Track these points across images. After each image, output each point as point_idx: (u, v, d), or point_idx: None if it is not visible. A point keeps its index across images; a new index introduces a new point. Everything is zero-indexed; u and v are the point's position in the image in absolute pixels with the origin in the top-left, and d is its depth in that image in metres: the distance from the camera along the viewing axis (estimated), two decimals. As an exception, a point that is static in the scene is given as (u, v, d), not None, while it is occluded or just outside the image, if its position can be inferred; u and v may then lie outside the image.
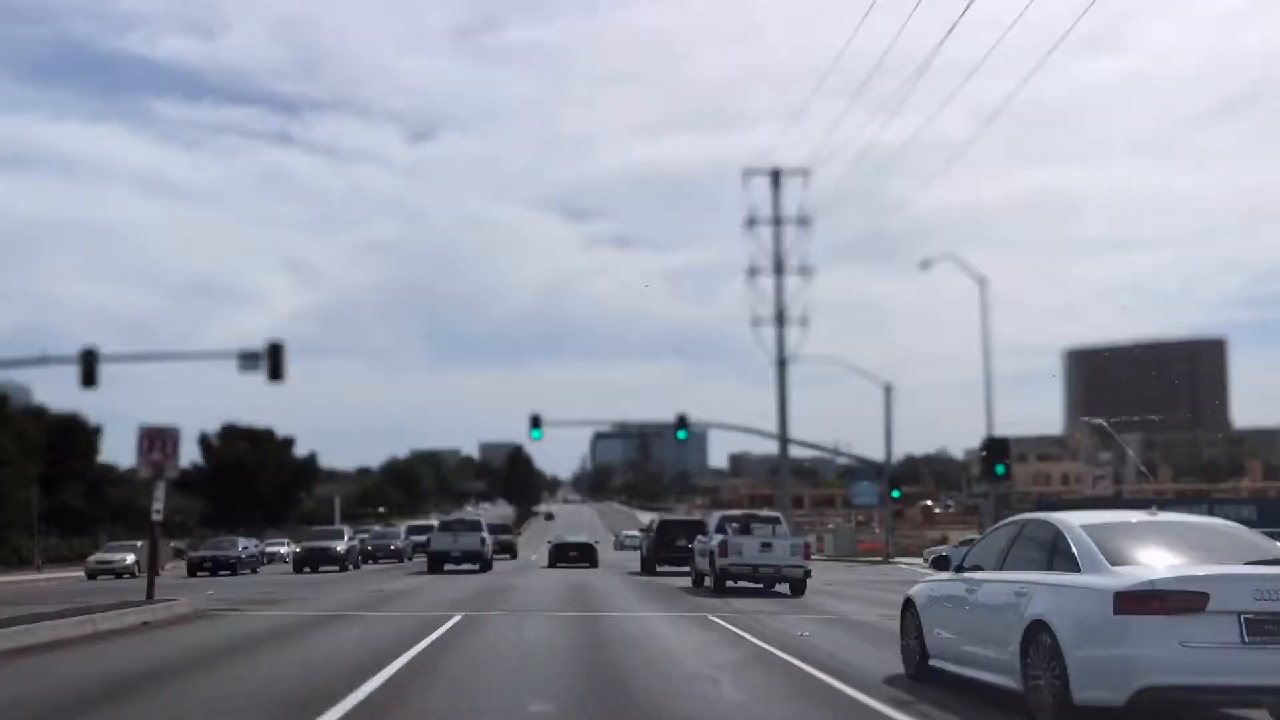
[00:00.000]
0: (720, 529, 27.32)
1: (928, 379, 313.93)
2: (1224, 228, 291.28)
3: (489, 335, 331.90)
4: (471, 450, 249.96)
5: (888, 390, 55.55)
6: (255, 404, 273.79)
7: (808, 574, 25.49)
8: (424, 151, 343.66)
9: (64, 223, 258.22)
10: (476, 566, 38.45)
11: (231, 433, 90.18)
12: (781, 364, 59.47)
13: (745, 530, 26.47)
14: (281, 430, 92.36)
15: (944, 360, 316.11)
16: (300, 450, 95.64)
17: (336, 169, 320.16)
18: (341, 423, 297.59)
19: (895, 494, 58.61)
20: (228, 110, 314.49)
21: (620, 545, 77.33)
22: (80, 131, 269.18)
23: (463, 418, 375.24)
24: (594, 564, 45.35)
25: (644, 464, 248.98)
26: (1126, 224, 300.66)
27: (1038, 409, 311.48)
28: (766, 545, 25.48)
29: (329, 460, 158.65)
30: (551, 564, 45.75)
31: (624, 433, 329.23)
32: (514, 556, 56.64)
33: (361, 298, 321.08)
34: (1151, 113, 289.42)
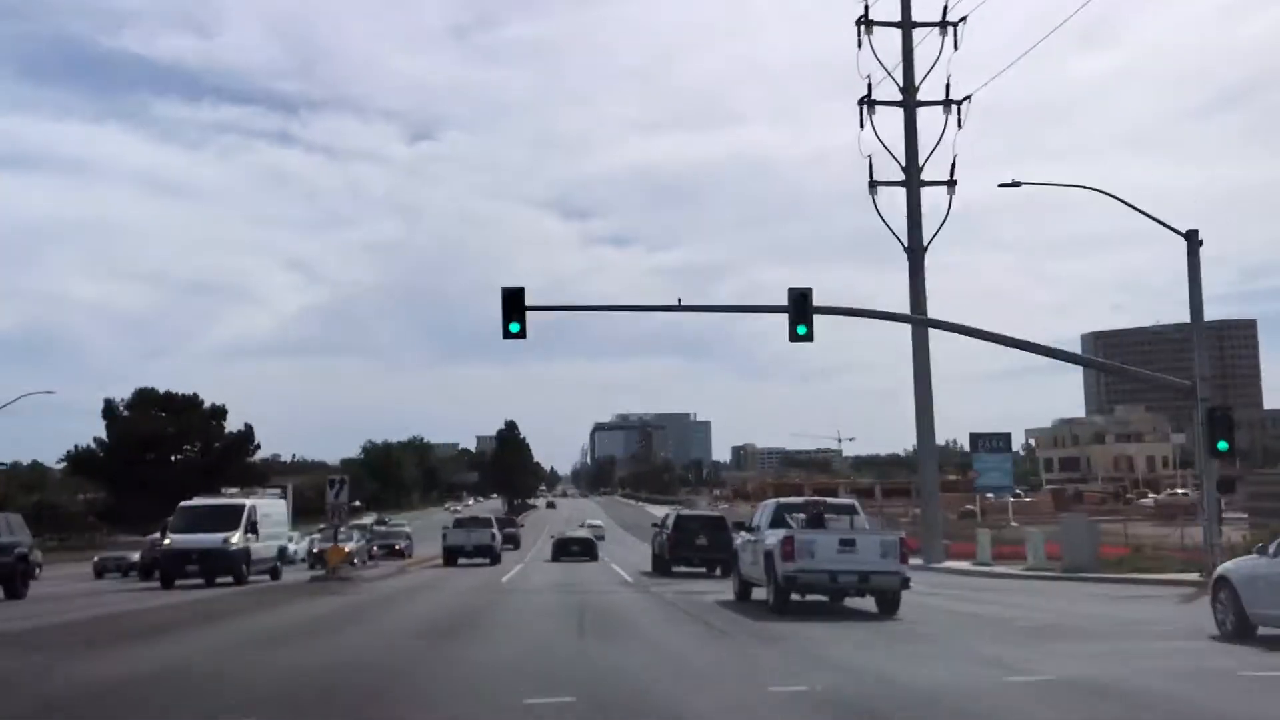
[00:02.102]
0: (778, 521, 20.47)
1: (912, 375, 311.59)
2: (1213, 224, 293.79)
3: (488, 333, 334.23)
4: (470, 446, 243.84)
5: (1192, 241, 28.29)
6: (246, 395, 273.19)
7: (906, 583, 18.80)
8: (423, 150, 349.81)
9: (66, 222, 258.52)
10: (487, 560, 43.06)
11: (146, 400, 72.21)
12: (915, 244, 39.42)
13: (816, 523, 19.64)
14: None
15: (932, 357, 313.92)
16: (234, 423, 76.27)
17: (336, 168, 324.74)
18: (341, 420, 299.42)
19: (1223, 446, 27.86)
20: (226, 109, 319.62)
21: None
22: (81, 131, 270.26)
23: (463, 415, 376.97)
24: (594, 557, 47.33)
25: (648, 455, 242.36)
26: (1117, 221, 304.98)
27: (1050, 399, 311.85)
28: (847, 544, 18.67)
29: (321, 455, 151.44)
30: (555, 558, 47.04)
31: (624, 424, 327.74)
32: (517, 547, 61.53)
33: (362, 296, 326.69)
34: (1142, 109, 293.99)
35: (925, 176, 39.69)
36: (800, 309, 27.12)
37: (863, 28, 39.76)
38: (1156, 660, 12.12)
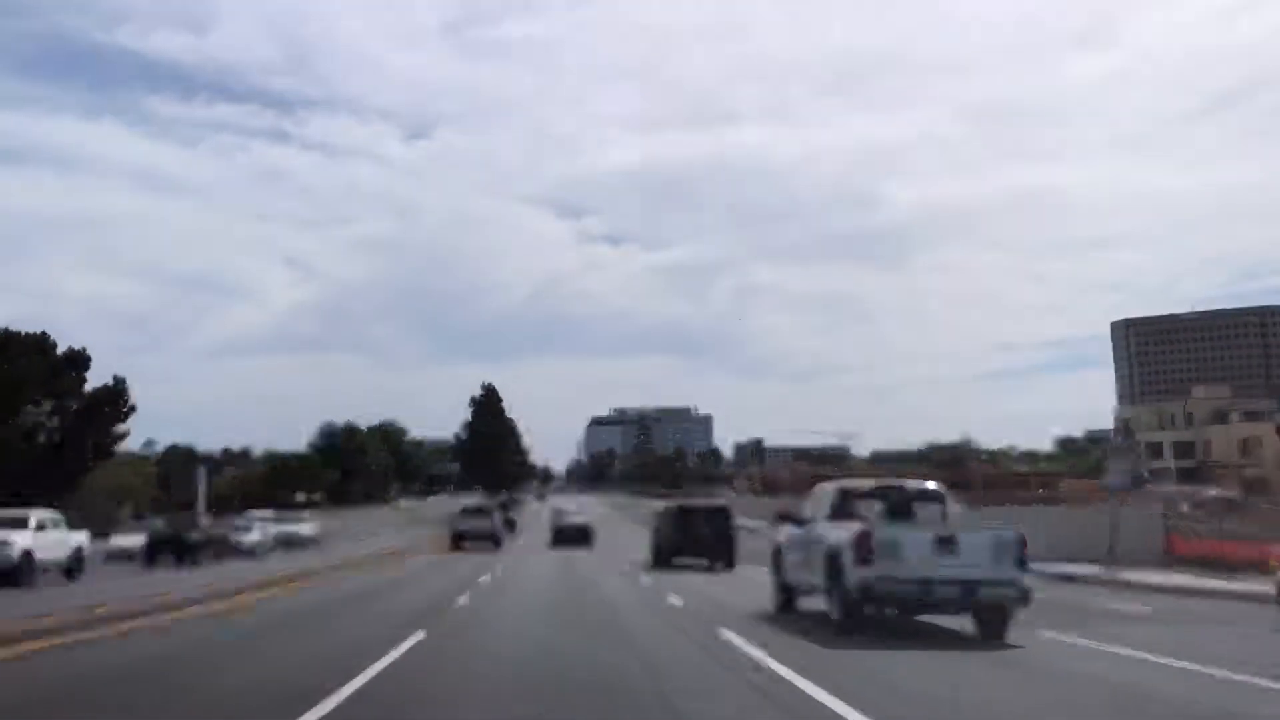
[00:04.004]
0: (841, 511, 15.91)
1: (911, 375, 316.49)
2: (1206, 225, 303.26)
3: (484, 331, 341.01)
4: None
5: None
6: (239, 390, 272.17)
7: (1026, 597, 14.23)
8: (418, 148, 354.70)
9: (61, 217, 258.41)
10: (490, 544, 48.36)
11: None
12: None
13: (900, 513, 15.07)
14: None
15: (928, 357, 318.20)
16: (100, 372, 57.70)
17: (332, 165, 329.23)
18: (334, 417, 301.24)
19: None
20: (221, 106, 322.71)
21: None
22: (75, 127, 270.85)
23: (457, 413, 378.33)
24: (590, 543, 51.90)
25: (648, 448, 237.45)
26: (1110, 221, 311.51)
27: (1062, 397, 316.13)
28: (946, 543, 14.07)
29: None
30: (555, 543, 51.94)
31: (622, 419, 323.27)
32: (513, 529, 66.30)
33: (357, 293, 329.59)
34: (1136, 110, 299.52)
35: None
36: None
37: None
38: None
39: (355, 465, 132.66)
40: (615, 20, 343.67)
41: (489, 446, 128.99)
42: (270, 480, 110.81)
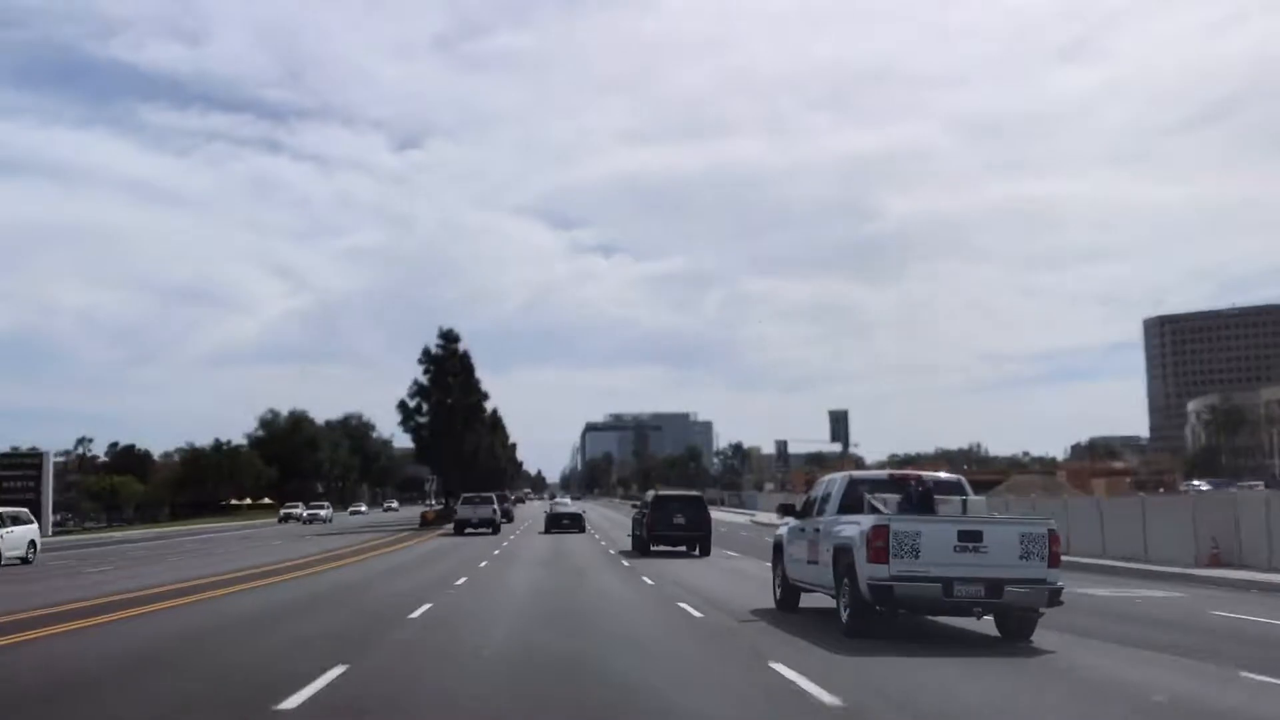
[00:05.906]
0: (852, 503, 15.01)
1: (905, 386, 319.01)
2: (1195, 237, 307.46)
3: (476, 341, 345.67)
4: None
5: None
6: (231, 401, 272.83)
7: (1056, 596, 13.40)
8: (410, 159, 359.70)
9: (55, 227, 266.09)
10: (490, 530, 53.26)
11: None
12: None
13: (919, 505, 14.23)
14: None
15: (921, 367, 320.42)
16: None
17: (324, 176, 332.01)
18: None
19: None
20: (215, 117, 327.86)
21: None
22: (69, 137, 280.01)
23: None
24: (581, 529, 55.66)
25: (649, 454, 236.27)
26: (1101, 233, 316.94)
27: (1059, 403, 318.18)
28: (970, 538, 13.19)
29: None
30: (548, 530, 55.17)
31: (618, 424, 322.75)
32: (510, 520, 68.30)
33: (350, 304, 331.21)
34: (1125, 123, 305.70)
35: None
36: None
37: None
38: None
39: (304, 461, 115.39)
40: (607, 33, 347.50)
41: (453, 420, 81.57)
42: (183, 480, 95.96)
